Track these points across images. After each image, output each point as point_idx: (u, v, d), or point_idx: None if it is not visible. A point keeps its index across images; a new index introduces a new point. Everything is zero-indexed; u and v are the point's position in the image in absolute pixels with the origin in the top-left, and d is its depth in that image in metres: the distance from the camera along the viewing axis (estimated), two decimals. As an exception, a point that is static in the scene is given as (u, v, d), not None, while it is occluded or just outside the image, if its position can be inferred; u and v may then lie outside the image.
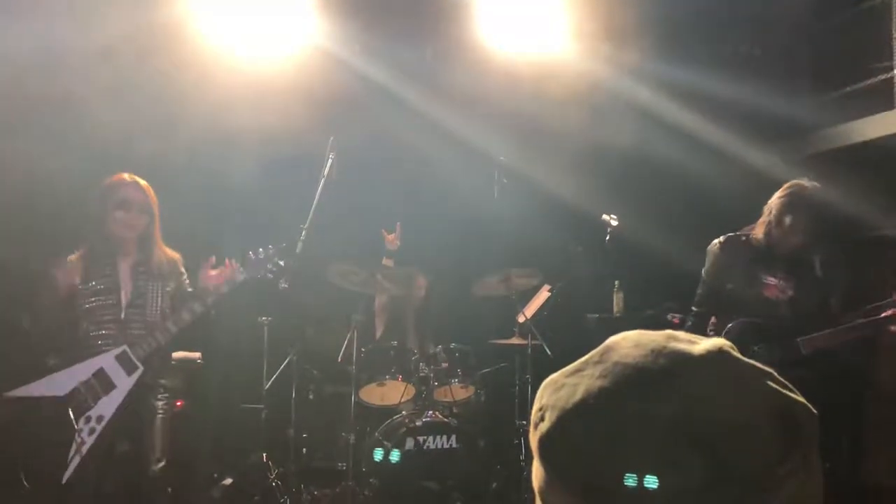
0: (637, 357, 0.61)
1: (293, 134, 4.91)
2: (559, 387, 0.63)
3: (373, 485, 4.23)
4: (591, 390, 0.60)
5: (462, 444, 4.29)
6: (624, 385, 0.59)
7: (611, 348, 0.64)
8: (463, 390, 4.68)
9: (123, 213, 3.32)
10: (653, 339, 0.63)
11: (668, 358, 0.60)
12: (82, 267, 3.30)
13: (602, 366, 0.62)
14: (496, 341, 5.03)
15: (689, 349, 0.60)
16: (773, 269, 3.47)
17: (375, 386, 4.61)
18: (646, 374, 0.59)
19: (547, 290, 5.14)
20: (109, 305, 3.27)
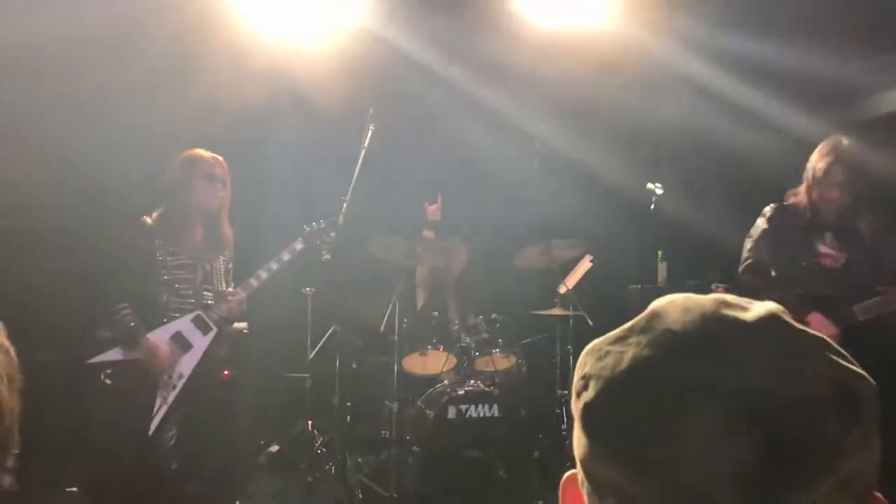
0: (686, 323, 0.57)
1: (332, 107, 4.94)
2: (603, 354, 0.60)
3: (416, 452, 4.29)
4: (637, 359, 0.57)
5: (504, 413, 4.32)
6: (674, 353, 0.56)
7: (657, 314, 0.61)
8: (504, 360, 4.70)
9: (209, 185, 3.48)
10: (701, 303, 0.59)
11: (719, 324, 0.57)
12: (161, 232, 3.42)
13: (649, 334, 0.58)
14: (537, 312, 5.03)
15: (742, 315, 0.57)
16: (823, 237, 3.40)
17: (417, 355, 4.66)
18: (696, 341, 0.56)
19: (588, 261, 5.11)
20: (188, 278, 3.44)
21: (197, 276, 3.48)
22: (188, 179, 3.45)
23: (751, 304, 0.59)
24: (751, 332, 0.56)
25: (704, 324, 0.57)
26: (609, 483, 0.57)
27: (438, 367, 4.58)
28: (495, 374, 4.64)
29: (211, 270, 3.53)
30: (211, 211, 3.52)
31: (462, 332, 4.63)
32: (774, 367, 0.54)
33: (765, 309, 0.58)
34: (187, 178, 3.46)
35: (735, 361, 0.54)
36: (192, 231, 3.51)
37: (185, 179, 3.46)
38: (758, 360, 0.54)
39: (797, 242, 3.40)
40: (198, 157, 3.50)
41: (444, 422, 4.24)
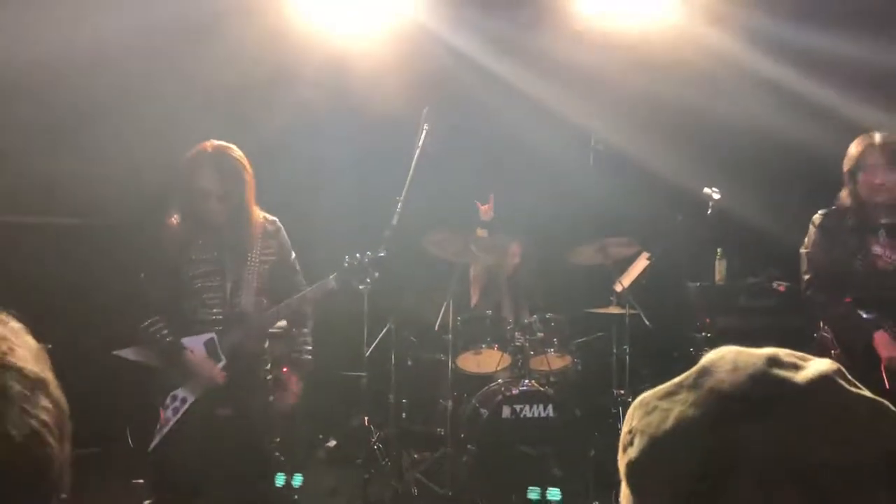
0: (735, 384, 0.56)
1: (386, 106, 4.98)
2: (650, 410, 0.60)
3: (471, 451, 4.31)
4: (683, 418, 0.57)
5: (559, 414, 4.30)
6: (720, 415, 0.56)
7: (707, 371, 0.60)
8: (559, 359, 4.68)
9: (202, 200, 3.03)
10: (752, 362, 0.58)
11: (768, 386, 0.56)
12: (183, 234, 3.10)
13: (697, 392, 0.58)
14: (593, 310, 4.99)
15: (793, 377, 0.56)
16: (877, 237, 3.29)
17: (472, 354, 4.67)
18: (744, 402, 0.55)
19: (646, 258, 5.04)
20: (215, 286, 3.09)
21: (226, 283, 3.10)
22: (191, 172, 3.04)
23: (805, 361, 0.58)
24: (800, 396, 0.55)
25: (753, 385, 0.56)
26: None
27: (493, 365, 4.59)
28: (550, 373, 4.62)
29: (241, 277, 3.10)
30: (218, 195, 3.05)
31: (516, 331, 4.62)
32: (824, 433, 0.53)
33: (817, 370, 0.57)
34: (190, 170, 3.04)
35: (783, 426, 0.53)
36: (215, 230, 3.10)
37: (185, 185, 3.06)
38: (806, 424, 0.53)
39: (851, 245, 3.30)
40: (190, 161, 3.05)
41: (498, 421, 4.24)
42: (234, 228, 3.11)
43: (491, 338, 4.66)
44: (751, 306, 5.11)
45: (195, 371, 3.02)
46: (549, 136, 5.28)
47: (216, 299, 3.08)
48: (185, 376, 3.03)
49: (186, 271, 3.06)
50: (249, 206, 3.14)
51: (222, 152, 3.05)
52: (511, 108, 5.21)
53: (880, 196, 3.24)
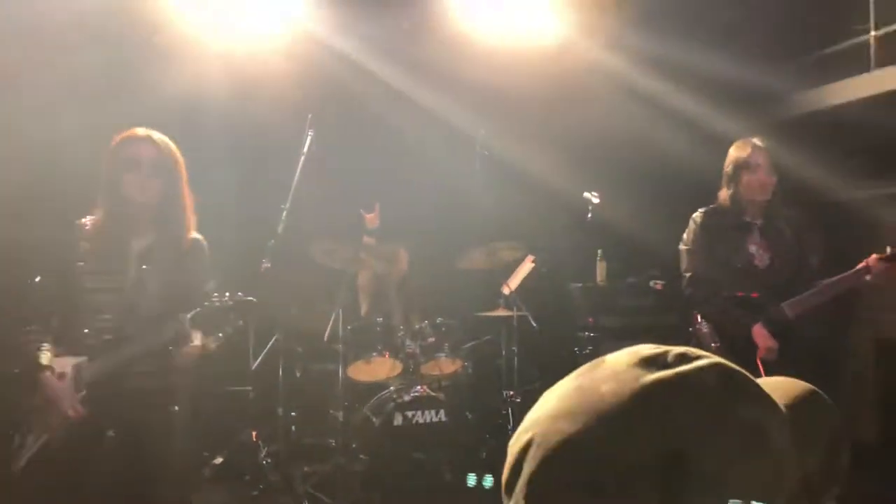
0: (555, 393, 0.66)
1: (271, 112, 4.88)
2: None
3: (363, 461, 4.27)
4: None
5: (450, 418, 4.33)
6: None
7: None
8: (450, 364, 4.71)
9: (133, 175, 2.72)
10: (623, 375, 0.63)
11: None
12: (93, 236, 2.76)
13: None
14: (482, 314, 5.06)
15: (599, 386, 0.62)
16: (752, 236, 3.50)
17: (363, 363, 4.63)
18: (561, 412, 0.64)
19: (531, 261, 5.17)
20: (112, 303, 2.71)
21: (123, 300, 2.71)
22: (114, 171, 2.74)
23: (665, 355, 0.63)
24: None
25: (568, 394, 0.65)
26: None
27: (384, 373, 4.56)
28: (441, 378, 4.65)
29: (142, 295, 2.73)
30: (146, 208, 2.78)
31: (407, 338, 4.62)
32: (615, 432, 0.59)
33: (653, 378, 0.61)
34: (113, 169, 2.74)
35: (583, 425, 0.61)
36: (129, 237, 2.78)
37: (112, 172, 2.74)
38: (602, 427, 0.59)
39: (730, 244, 3.49)
40: (121, 141, 2.77)
41: (390, 428, 4.22)
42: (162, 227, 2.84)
43: (382, 345, 4.63)
44: (631, 305, 5.34)
45: (50, 396, 2.61)
46: (435, 143, 5.33)
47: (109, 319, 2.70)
48: (38, 404, 2.64)
49: (82, 276, 2.70)
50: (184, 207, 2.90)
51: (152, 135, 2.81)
52: (397, 115, 5.22)
53: (762, 195, 3.44)
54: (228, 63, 4.79)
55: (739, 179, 3.45)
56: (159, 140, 2.81)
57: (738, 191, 3.46)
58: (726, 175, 3.52)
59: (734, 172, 3.47)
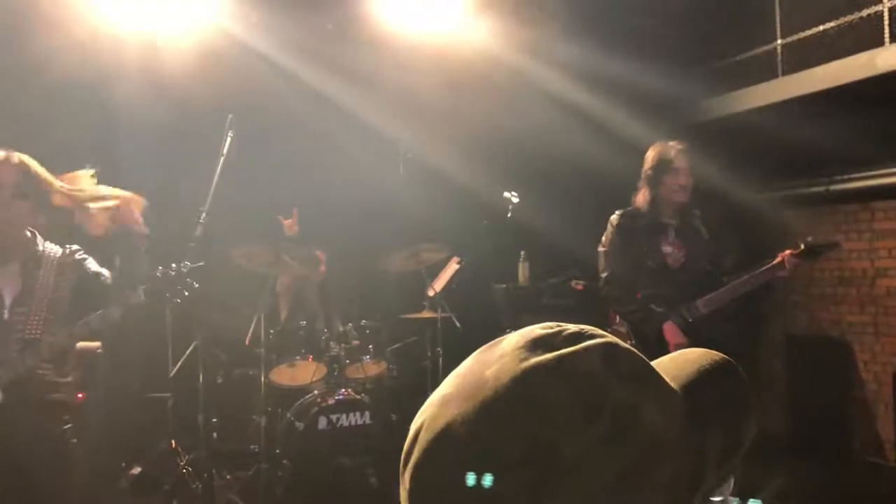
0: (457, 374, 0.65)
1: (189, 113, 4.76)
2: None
3: (286, 466, 4.22)
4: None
5: (375, 420, 4.33)
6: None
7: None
8: (375, 366, 4.70)
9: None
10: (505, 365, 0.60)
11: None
12: None
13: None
14: (406, 316, 5.07)
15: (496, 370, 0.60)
16: (666, 236, 3.61)
17: (286, 367, 4.58)
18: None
19: (455, 263, 5.21)
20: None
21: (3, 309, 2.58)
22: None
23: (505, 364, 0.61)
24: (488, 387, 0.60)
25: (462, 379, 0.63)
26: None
27: (308, 377, 4.52)
28: (366, 380, 4.64)
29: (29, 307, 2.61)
30: (11, 238, 2.65)
31: (331, 341, 4.59)
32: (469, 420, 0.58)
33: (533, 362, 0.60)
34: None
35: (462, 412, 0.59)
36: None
37: None
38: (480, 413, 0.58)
39: (644, 244, 3.60)
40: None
41: (314, 432, 4.19)
42: (18, 255, 2.67)
43: (305, 349, 4.60)
44: (553, 304, 5.45)
45: None
46: (358, 146, 5.30)
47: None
48: None
49: None
50: (37, 230, 2.74)
51: (10, 157, 2.61)
52: (320, 118, 5.17)
53: (682, 197, 3.55)
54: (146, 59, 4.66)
55: (660, 181, 3.55)
56: (20, 161, 2.62)
57: (658, 193, 3.57)
58: (646, 176, 3.61)
59: (655, 174, 3.57)
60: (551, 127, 5.19)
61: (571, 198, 5.50)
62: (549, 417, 0.55)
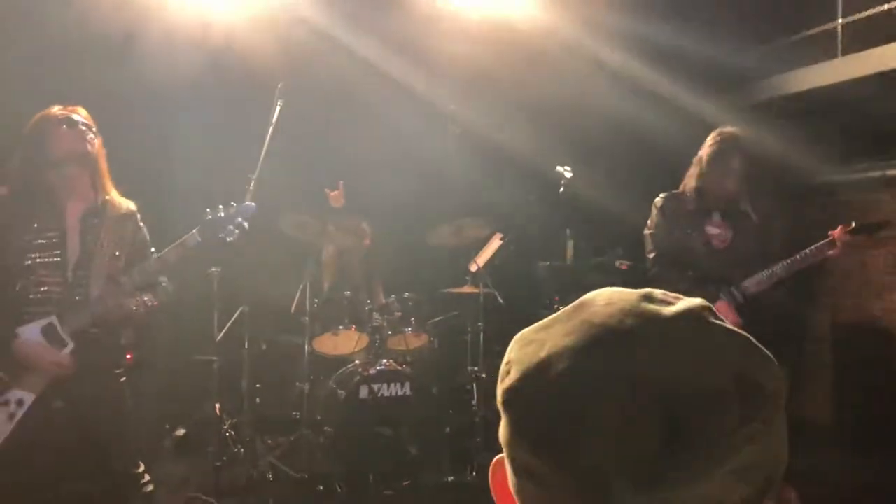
0: (605, 316, 0.59)
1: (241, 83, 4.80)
2: (527, 342, 0.63)
3: (327, 433, 4.27)
4: (555, 348, 0.59)
5: (415, 392, 4.35)
6: (588, 344, 0.58)
7: (582, 305, 0.63)
8: (416, 339, 4.73)
9: (68, 129, 2.70)
10: (626, 298, 0.61)
11: (636, 318, 0.59)
12: (14, 206, 2.69)
13: (570, 323, 0.61)
14: (449, 290, 5.07)
15: (660, 310, 0.59)
16: (711, 218, 3.56)
17: (329, 336, 4.63)
18: (611, 333, 0.58)
19: (499, 239, 5.18)
20: (54, 264, 2.67)
21: (68, 257, 2.69)
22: (38, 134, 2.71)
23: (678, 299, 0.62)
24: (665, 327, 0.59)
25: (623, 317, 0.59)
26: (525, 464, 0.59)
27: (350, 347, 4.56)
28: (407, 352, 4.66)
29: (91, 260, 2.71)
30: (78, 158, 2.73)
31: (374, 312, 4.62)
32: (683, 360, 0.56)
33: (687, 305, 0.61)
34: (37, 133, 2.72)
35: (646, 353, 0.57)
36: (63, 201, 2.73)
37: (35, 136, 2.72)
38: (668, 354, 0.57)
39: (688, 227, 3.56)
40: (46, 112, 2.75)
41: (356, 401, 4.23)
42: (95, 190, 2.80)
43: (349, 319, 4.64)
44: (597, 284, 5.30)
45: (33, 363, 2.60)
46: (407, 118, 5.29)
47: (55, 280, 2.66)
48: (20, 372, 2.61)
49: (19, 249, 2.65)
50: (107, 174, 2.84)
51: (75, 116, 2.74)
52: (370, 89, 5.17)
53: (726, 194, 3.49)
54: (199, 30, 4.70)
55: (706, 173, 3.50)
56: (84, 112, 2.79)
57: (706, 182, 3.52)
58: (696, 162, 3.56)
59: (706, 165, 3.50)
60: (604, 102, 5.11)
61: (623, 174, 5.42)
62: (749, 354, 0.58)
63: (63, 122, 2.70)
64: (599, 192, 5.06)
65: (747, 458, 0.55)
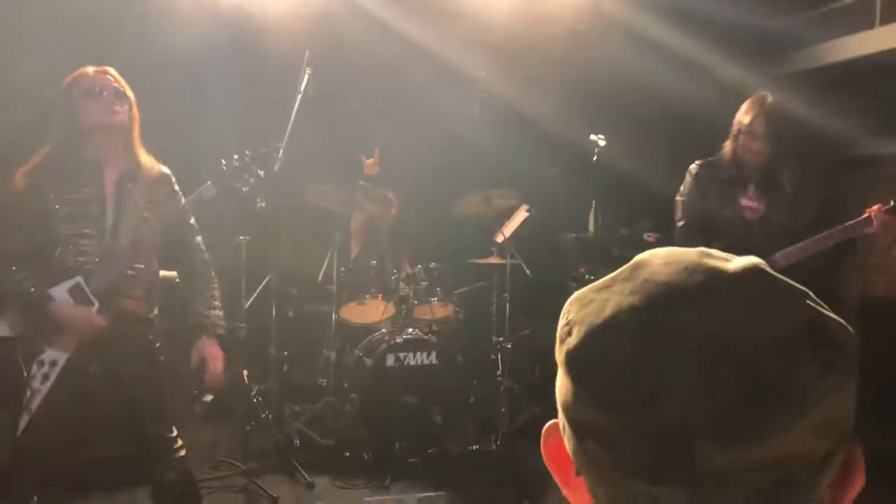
0: (668, 275, 0.59)
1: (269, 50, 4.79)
2: (587, 302, 0.62)
3: (353, 400, 4.32)
4: (621, 306, 0.58)
5: (441, 361, 4.38)
6: (656, 302, 0.57)
7: (640, 266, 0.62)
8: (442, 308, 4.74)
9: (95, 100, 2.69)
10: (685, 255, 0.61)
11: (702, 275, 0.58)
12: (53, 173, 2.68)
13: (632, 283, 0.60)
14: (475, 260, 5.07)
15: (723, 265, 0.59)
16: (745, 190, 3.52)
17: (355, 304, 4.66)
18: (678, 290, 0.57)
19: (525, 210, 5.15)
20: (92, 232, 2.67)
21: (105, 223, 2.69)
22: (68, 103, 2.71)
23: (731, 257, 0.61)
24: (732, 281, 0.57)
25: (687, 274, 0.58)
26: (590, 426, 0.58)
27: (377, 315, 4.59)
28: (433, 322, 4.68)
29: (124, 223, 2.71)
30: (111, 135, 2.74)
31: (401, 281, 4.63)
32: (755, 312, 0.55)
33: (747, 260, 0.60)
34: (67, 101, 2.71)
35: (717, 308, 0.56)
36: (100, 167, 2.74)
37: (66, 104, 2.71)
38: (739, 307, 0.56)
39: (721, 196, 3.52)
40: (77, 75, 2.74)
41: (382, 369, 4.27)
42: (128, 155, 2.79)
43: (375, 288, 4.66)
44: (622, 256, 5.31)
45: (65, 322, 2.62)
46: (434, 86, 5.24)
47: (90, 245, 2.67)
48: (53, 333, 2.63)
49: (55, 214, 2.64)
50: (135, 141, 2.81)
51: (103, 83, 2.72)
52: (397, 57, 5.12)
53: (758, 159, 3.45)
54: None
55: (738, 140, 3.47)
56: (115, 73, 2.77)
57: (738, 151, 3.48)
58: (731, 132, 3.53)
59: (736, 132, 3.49)
60: (634, 70, 5.03)
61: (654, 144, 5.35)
62: (818, 305, 0.58)
63: (90, 92, 2.69)
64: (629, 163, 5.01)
65: (828, 412, 0.54)
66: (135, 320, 2.78)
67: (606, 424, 0.56)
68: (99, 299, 2.66)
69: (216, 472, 4.03)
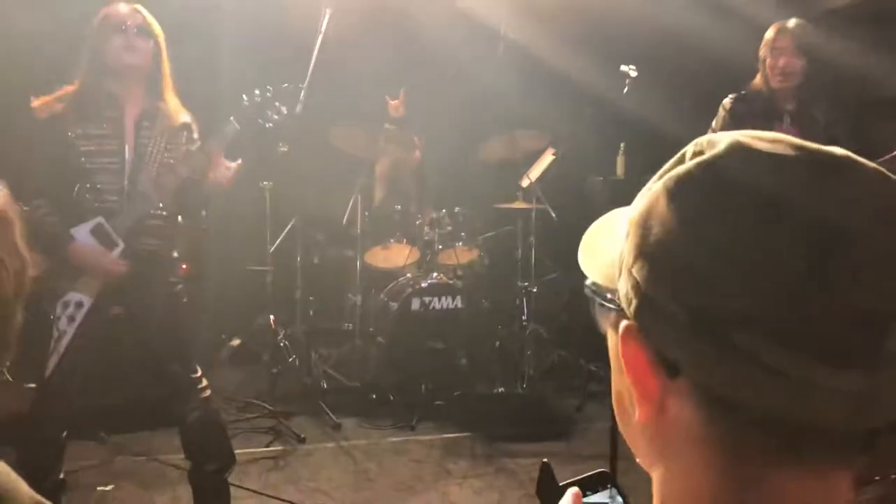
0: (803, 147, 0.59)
1: None
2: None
3: (380, 343, 4.35)
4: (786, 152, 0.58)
5: (466, 305, 4.37)
6: (824, 165, 0.58)
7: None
8: (467, 253, 4.72)
9: (121, 37, 2.64)
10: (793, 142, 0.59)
11: (835, 155, 0.58)
12: (76, 107, 2.65)
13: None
14: (500, 205, 5.01)
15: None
16: (781, 121, 3.42)
17: (380, 249, 4.65)
18: (834, 158, 0.58)
19: (551, 153, 5.06)
20: (112, 170, 2.64)
21: (123, 159, 2.65)
22: (96, 40, 2.67)
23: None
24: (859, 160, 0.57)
25: (822, 152, 0.59)
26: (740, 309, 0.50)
27: (401, 260, 4.58)
28: (458, 266, 4.66)
29: (142, 164, 2.67)
30: (134, 74, 2.70)
31: (425, 226, 4.60)
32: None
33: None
34: (96, 38, 2.67)
35: (879, 181, 0.54)
36: (121, 104, 2.70)
37: (94, 41, 2.67)
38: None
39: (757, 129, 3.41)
40: (106, 11, 2.69)
41: (407, 313, 4.28)
42: (151, 95, 2.74)
43: (399, 232, 4.64)
44: (651, 200, 5.25)
45: (89, 265, 2.59)
46: (458, 28, 5.12)
47: (112, 187, 2.64)
48: (75, 274, 2.62)
49: (76, 146, 2.60)
50: (167, 78, 2.77)
51: (130, 23, 2.66)
52: None
53: (785, 80, 3.33)
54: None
55: (767, 64, 3.37)
56: (145, 11, 2.73)
57: (767, 77, 3.38)
58: (759, 58, 3.42)
59: (762, 56, 3.39)
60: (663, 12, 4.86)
61: (682, 87, 5.20)
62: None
63: (116, 28, 2.66)
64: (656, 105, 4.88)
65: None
66: (157, 261, 2.77)
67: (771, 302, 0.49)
68: (124, 240, 2.65)
69: (244, 413, 4.10)
